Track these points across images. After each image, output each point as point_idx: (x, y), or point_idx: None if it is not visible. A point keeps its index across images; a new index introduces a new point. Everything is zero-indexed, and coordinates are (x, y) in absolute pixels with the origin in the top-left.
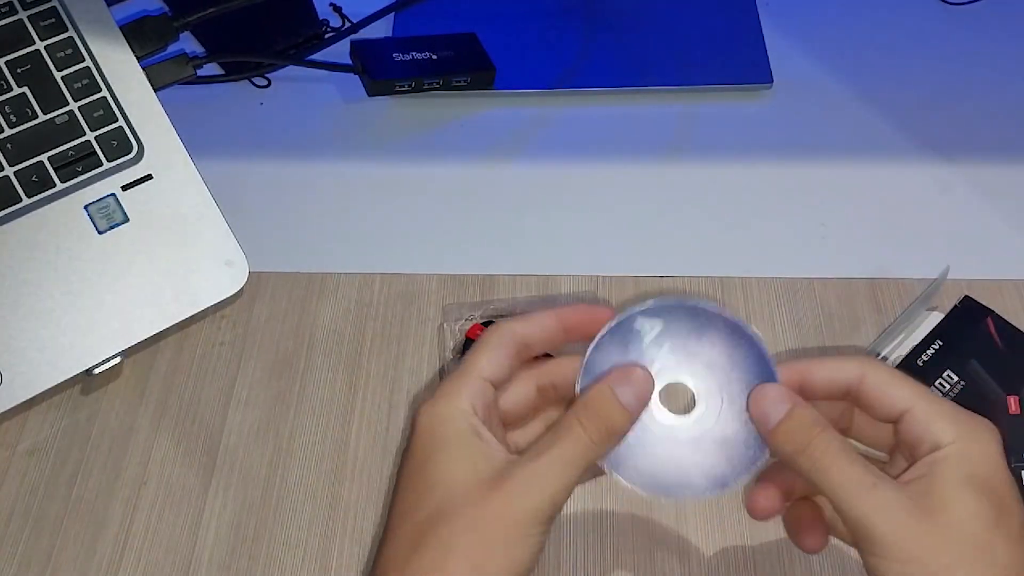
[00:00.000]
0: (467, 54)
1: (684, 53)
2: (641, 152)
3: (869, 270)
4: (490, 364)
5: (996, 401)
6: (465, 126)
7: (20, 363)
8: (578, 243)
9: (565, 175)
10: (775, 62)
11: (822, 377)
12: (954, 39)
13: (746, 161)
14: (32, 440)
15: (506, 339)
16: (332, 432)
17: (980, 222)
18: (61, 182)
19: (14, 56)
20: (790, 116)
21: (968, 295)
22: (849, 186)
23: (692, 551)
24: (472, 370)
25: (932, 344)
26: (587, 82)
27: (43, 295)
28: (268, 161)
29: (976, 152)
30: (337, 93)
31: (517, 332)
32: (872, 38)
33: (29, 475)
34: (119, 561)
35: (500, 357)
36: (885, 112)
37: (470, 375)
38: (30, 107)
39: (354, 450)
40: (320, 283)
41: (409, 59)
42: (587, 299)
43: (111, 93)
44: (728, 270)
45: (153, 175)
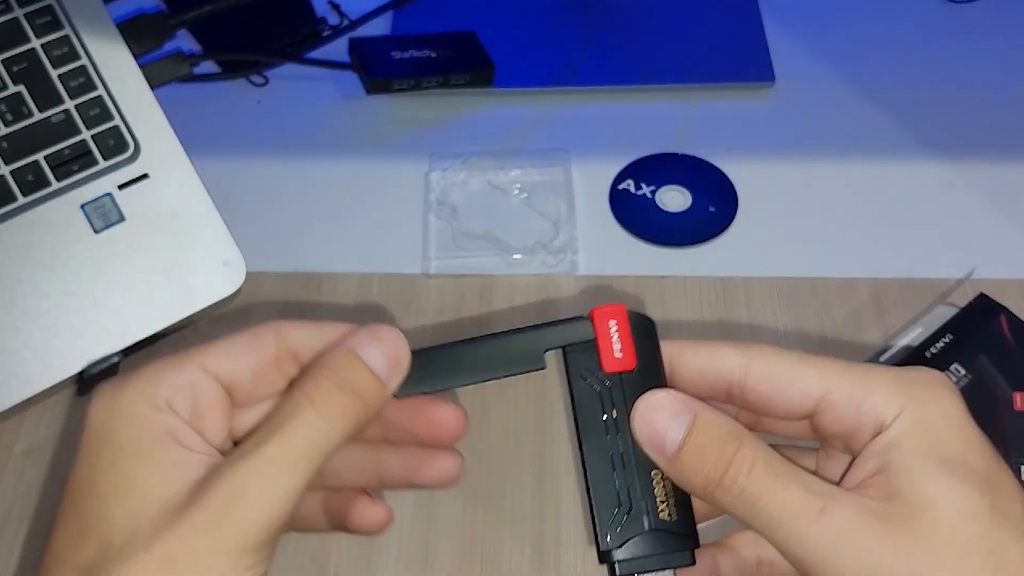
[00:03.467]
0: (466, 52)
1: (685, 51)
2: (641, 151)
3: (871, 270)
4: (225, 357)
5: (1003, 396)
6: (464, 124)
7: (16, 363)
8: (579, 244)
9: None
10: (777, 60)
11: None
12: (957, 37)
13: (747, 160)
14: (28, 441)
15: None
16: None
17: (984, 220)
18: (57, 181)
19: (10, 54)
20: (792, 114)
21: (983, 292)
22: (851, 185)
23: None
24: (194, 356)
25: (943, 337)
26: (587, 80)
27: (39, 295)
28: (266, 160)
29: (980, 150)
30: (335, 91)
31: (285, 333)
32: (874, 36)
33: (25, 477)
34: None
35: (244, 354)
36: (887, 110)
37: (187, 360)
38: (26, 106)
39: None
40: (318, 283)
41: (408, 57)
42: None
43: (107, 91)
44: (729, 270)
45: (150, 174)
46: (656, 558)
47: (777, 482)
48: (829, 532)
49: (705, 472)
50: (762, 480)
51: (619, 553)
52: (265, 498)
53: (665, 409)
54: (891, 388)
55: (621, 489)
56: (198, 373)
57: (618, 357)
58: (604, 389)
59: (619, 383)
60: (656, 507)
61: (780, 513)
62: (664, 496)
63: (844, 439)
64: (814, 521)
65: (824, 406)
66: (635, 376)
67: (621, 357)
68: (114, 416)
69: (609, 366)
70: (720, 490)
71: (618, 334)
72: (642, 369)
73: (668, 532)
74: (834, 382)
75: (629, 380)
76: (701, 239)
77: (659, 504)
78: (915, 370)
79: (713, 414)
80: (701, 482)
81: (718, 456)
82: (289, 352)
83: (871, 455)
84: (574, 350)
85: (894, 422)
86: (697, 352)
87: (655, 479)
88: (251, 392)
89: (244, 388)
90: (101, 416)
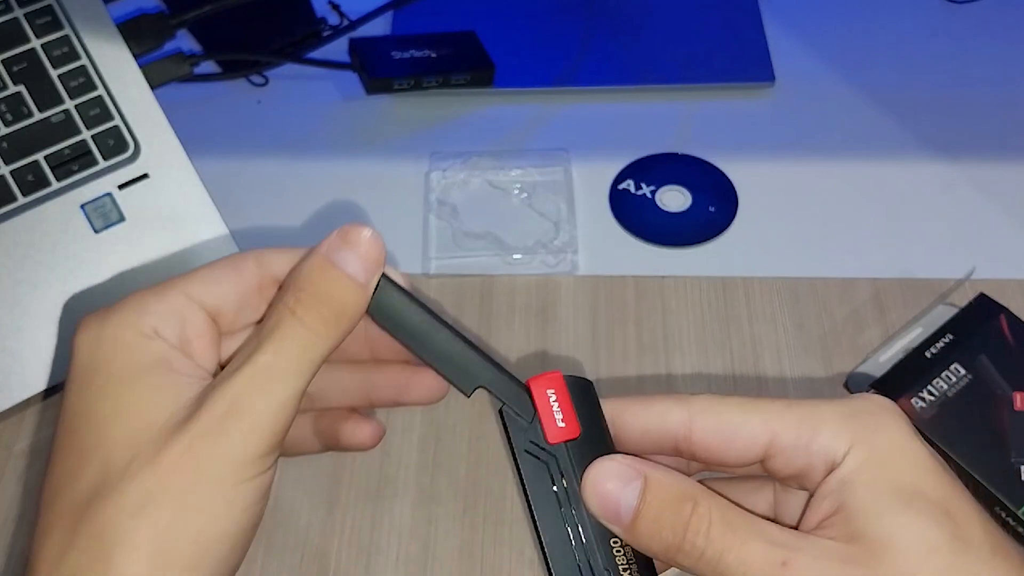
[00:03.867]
0: (466, 52)
1: (685, 51)
2: (641, 151)
3: (871, 270)
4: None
5: (1002, 397)
6: (464, 124)
7: (16, 363)
8: (579, 243)
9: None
10: (777, 60)
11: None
12: (957, 37)
13: (747, 160)
14: (28, 441)
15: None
16: None
17: (984, 220)
18: (57, 181)
19: (10, 54)
20: (792, 114)
21: (983, 292)
22: (851, 185)
23: None
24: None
25: (943, 338)
26: (587, 80)
27: (39, 295)
28: (266, 160)
29: (980, 150)
30: (336, 91)
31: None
32: (875, 36)
33: (25, 477)
34: None
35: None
36: (888, 110)
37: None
38: (26, 106)
39: None
40: None
41: (408, 57)
42: None
43: (107, 91)
44: (729, 270)
45: (150, 174)
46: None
47: (737, 539)
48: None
49: (663, 537)
50: (721, 539)
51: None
52: (262, 406)
53: (615, 477)
54: (838, 423)
55: (582, 562)
56: (182, 300)
57: (561, 427)
58: (551, 460)
59: (565, 452)
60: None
61: (743, 572)
62: (626, 563)
63: (798, 479)
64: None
65: (773, 451)
66: (581, 442)
67: (564, 426)
68: (103, 345)
69: (553, 437)
70: (681, 554)
71: (558, 403)
72: (586, 434)
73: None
74: (779, 425)
75: (575, 447)
76: (701, 239)
77: (622, 573)
78: (859, 399)
79: (664, 475)
80: (661, 548)
81: (674, 520)
82: (271, 278)
83: (827, 494)
84: (512, 420)
85: (845, 458)
86: (639, 411)
87: (615, 547)
88: (236, 319)
89: (229, 315)
90: (89, 346)
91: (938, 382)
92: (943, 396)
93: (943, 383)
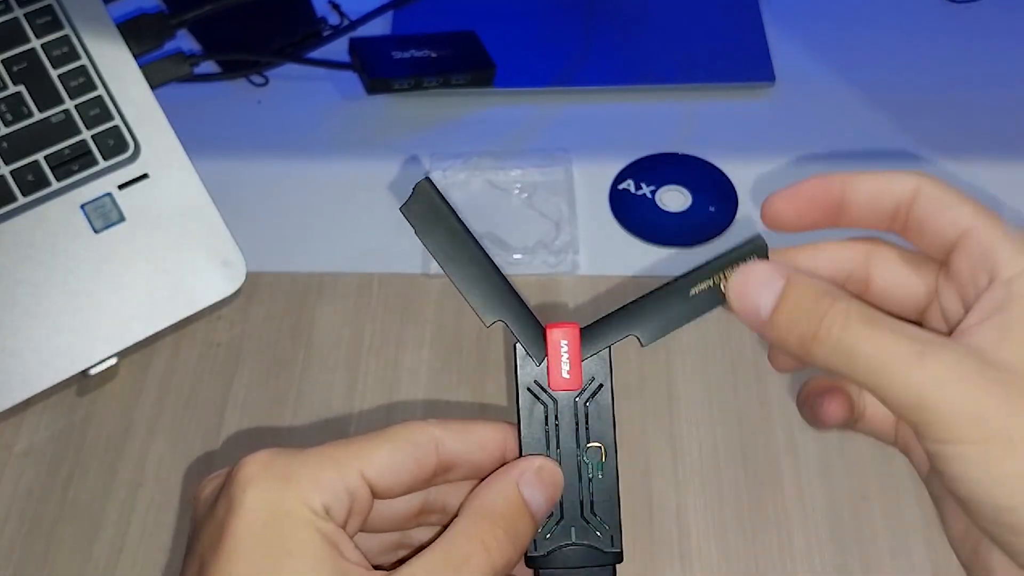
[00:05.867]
0: (467, 52)
1: (685, 51)
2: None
3: None
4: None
5: None
6: (465, 124)
7: (16, 364)
8: (580, 243)
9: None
10: (777, 60)
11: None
12: (958, 37)
13: (747, 160)
14: (28, 442)
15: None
16: (330, 434)
17: None
18: (57, 181)
19: (10, 54)
20: (792, 114)
21: None
22: None
23: (692, 552)
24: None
25: None
26: (587, 80)
27: (39, 295)
28: (266, 160)
29: (980, 150)
30: (336, 91)
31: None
32: (875, 36)
33: (25, 477)
34: (115, 563)
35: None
36: (888, 110)
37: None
38: (26, 106)
39: None
40: (318, 283)
41: (408, 57)
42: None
43: (107, 91)
44: None
45: (150, 174)
46: (581, 571)
47: (874, 330)
48: (931, 375)
49: (800, 328)
50: (858, 329)
51: (544, 561)
52: None
53: (758, 277)
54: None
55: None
56: (356, 480)
57: (565, 378)
58: (551, 403)
59: (568, 402)
60: (585, 520)
61: (878, 358)
62: (592, 508)
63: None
64: (914, 364)
65: (965, 239)
66: (581, 397)
67: (568, 378)
68: (277, 516)
69: (556, 384)
70: (816, 343)
71: (568, 354)
72: (588, 392)
73: (593, 547)
74: (980, 222)
75: (578, 401)
76: (701, 239)
77: (588, 517)
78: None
79: (806, 276)
80: (797, 340)
81: (812, 311)
82: (446, 465)
83: (983, 306)
84: (523, 357)
85: (1017, 276)
86: (870, 178)
87: (584, 491)
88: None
89: (392, 493)
90: (262, 514)
91: None
92: None
93: None
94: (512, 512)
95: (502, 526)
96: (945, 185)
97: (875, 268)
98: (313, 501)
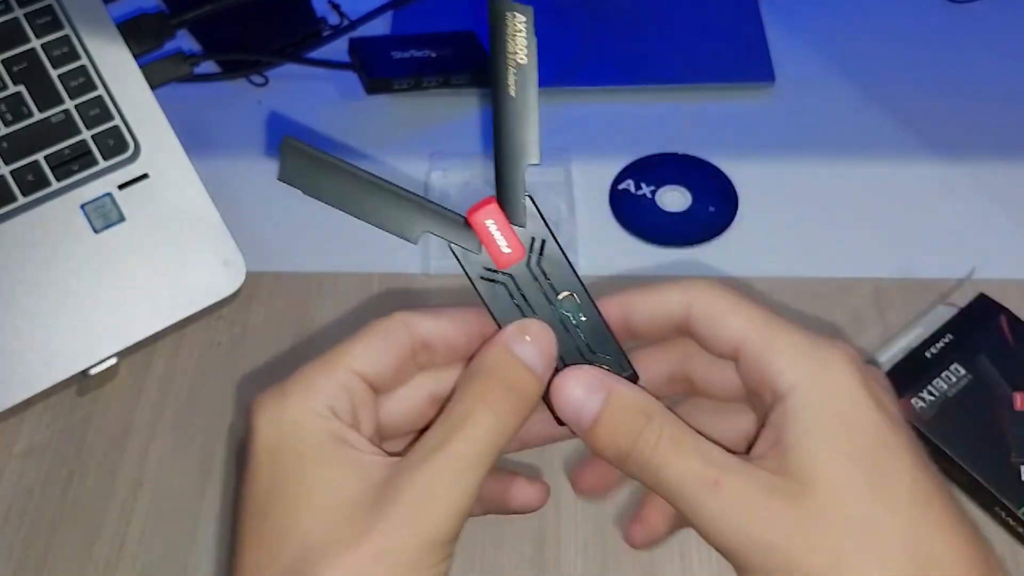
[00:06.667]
0: (466, 52)
1: (686, 51)
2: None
3: (871, 270)
4: (368, 357)
5: (1002, 397)
6: (464, 124)
7: (16, 364)
8: (579, 243)
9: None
10: (777, 60)
11: (645, 313)
12: (958, 36)
13: (747, 160)
14: (28, 442)
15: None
16: None
17: (984, 220)
18: (57, 181)
19: (10, 54)
20: (792, 114)
21: (983, 293)
22: (851, 185)
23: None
24: (340, 359)
25: (943, 338)
26: (588, 80)
27: (39, 295)
28: (266, 160)
29: (980, 150)
30: (335, 91)
31: (417, 326)
32: (875, 35)
33: (25, 477)
34: (115, 564)
35: (385, 351)
36: (888, 110)
37: (335, 365)
38: (26, 106)
39: None
40: (318, 283)
41: (408, 57)
42: None
43: (107, 91)
44: (729, 270)
45: (150, 174)
46: None
47: (679, 454)
48: (723, 504)
49: (617, 444)
50: (665, 452)
51: None
52: (453, 494)
53: (583, 384)
54: (794, 354)
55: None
56: (348, 375)
57: (507, 252)
58: (508, 280)
59: (522, 270)
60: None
61: (679, 484)
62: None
63: (754, 396)
64: (709, 491)
65: (739, 356)
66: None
67: (510, 252)
68: (284, 428)
69: (503, 262)
70: (629, 461)
71: (500, 231)
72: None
73: None
74: (749, 335)
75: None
76: (701, 239)
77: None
78: (822, 341)
79: (628, 389)
80: (614, 453)
81: (628, 428)
82: (421, 343)
83: (771, 425)
84: (463, 254)
85: (790, 391)
86: (645, 298)
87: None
88: (391, 384)
89: (385, 382)
90: (271, 429)
91: (938, 382)
92: (943, 396)
93: (943, 383)
94: (505, 366)
95: (497, 378)
96: (719, 295)
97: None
98: (315, 404)
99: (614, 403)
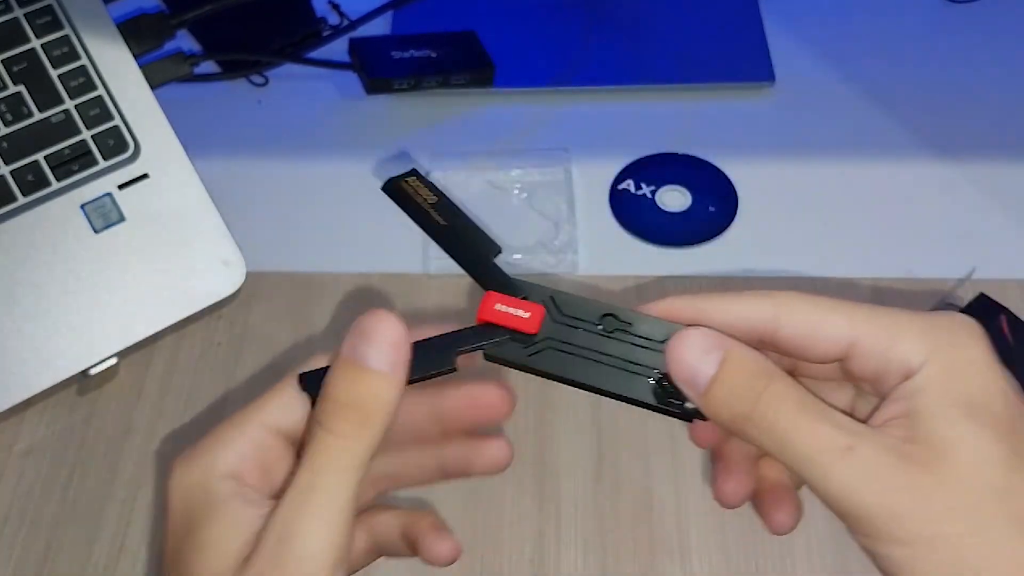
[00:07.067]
0: (466, 52)
1: (685, 51)
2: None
3: (871, 270)
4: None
5: None
6: (464, 124)
7: (16, 364)
8: (579, 243)
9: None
10: (777, 60)
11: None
12: (957, 37)
13: (747, 160)
14: (28, 441)
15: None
16: None
17: (984, 220)
18: (57, 181)
19: (10, 54)
20: (792, 114)
21: (983, 292)
22: (851, 185)
23: (692, 552)
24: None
25: None
26: (587, 80)
27: (39, 295)
28: (266, 160)
29: (980, 150)
30: (335, 91)
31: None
32: (875, 36)
33: (25, 476)
34: (115, 564)
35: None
36: (888, 110)
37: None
38: (26, 106)
39: None
40: (318, 283)
41: (408, 57)
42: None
43: (107, 91)
44: (729, 270)
45: (150, 174)
46: None
47: (806, 418)
48: (855, 469)
49: (735, 407)
50: (791, 416)
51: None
52: (314, 527)
53: (697, 346)
54: (918, 335)
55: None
56: (259, 431)
57: (528, 316)
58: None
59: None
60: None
61: (808, 449)
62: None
63: (872, 383)
64: (841, 457)
65: (853, 352)
66: (554, 315)
67: (530, 315)
68: (189, 491)
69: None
70: (750, 424)
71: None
72: (551, 306)
73: None
74: (863, 329)
75: (555, 319)
76: (701, 239)
77: None
78: (943, 315)
79: (745, 351)
80: (731, 416)
81: (748, 391)
82: None
83: (898, 398)
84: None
85: (921, 368)
86: (725, 306)
87: None
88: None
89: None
90: (176, 494)
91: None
92: None
93: None
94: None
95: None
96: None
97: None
98: (219, 465)
99: (733, 363)
